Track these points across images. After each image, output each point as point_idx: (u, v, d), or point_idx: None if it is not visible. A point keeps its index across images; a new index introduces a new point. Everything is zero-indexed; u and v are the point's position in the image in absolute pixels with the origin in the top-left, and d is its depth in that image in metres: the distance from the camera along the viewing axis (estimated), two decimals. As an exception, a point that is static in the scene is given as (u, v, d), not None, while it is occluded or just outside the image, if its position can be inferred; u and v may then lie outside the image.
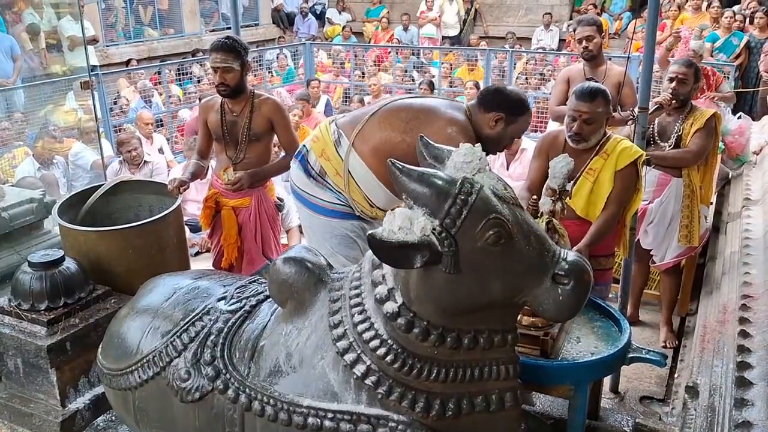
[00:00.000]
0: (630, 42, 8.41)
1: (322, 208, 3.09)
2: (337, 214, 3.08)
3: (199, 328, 1.99)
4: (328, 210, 3.07)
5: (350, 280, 1.89)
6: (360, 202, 3.04)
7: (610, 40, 11.74)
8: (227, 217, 3.75)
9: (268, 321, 1.98)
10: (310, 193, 3.09)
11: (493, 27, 13.95)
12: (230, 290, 2.08)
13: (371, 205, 3.02)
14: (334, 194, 3.04)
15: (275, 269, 1.97)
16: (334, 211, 3.08)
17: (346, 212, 3.08)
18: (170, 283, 2.20)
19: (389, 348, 1.71)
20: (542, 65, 9.67)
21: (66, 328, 2.77)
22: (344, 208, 3.08)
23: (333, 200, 3.05)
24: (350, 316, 1.80)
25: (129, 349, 2.07)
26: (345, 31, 13.62)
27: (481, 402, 1.75)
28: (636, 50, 8.12)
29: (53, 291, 2.80)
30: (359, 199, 3.02)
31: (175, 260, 3.23)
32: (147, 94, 8.49)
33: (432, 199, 1.59)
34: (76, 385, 2.83)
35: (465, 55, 10.47)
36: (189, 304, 2.06)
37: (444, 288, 1.63)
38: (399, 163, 1.66)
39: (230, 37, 3.55)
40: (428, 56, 10.88)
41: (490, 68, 9.24)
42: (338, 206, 3.07)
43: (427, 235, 1.57)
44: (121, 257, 3.07)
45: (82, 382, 2.84)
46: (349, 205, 3.06)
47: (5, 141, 6.94)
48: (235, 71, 3.43)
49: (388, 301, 1.72)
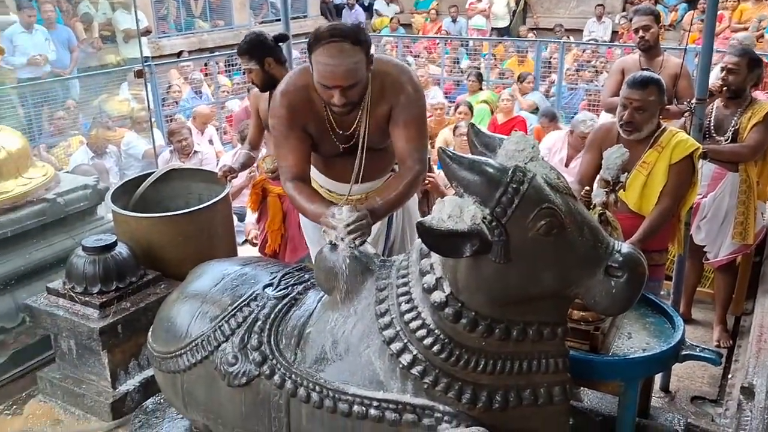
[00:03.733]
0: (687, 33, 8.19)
1: None
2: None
3: (247, 313, 2.01)
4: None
5: (397, 268, 1.88)
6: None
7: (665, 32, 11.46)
8: (272, 204, 3.81)
9: (314, 308, 1.99)
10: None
11: (544, 18, 13.71)
12: (277, 277, 2.09)
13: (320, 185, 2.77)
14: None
15: (322, 257, 1.97)
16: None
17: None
18: (218, 269, 2.22)
19: (436, 338, 1.70)
20: (594, 57, 9.50)
21: (117, 311, 2.85)
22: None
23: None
24: (397, 305, 1.79)
25: (178, 333, 2.10)
26: (393, 22, 13.57)
27: (529, 395, 1.72)
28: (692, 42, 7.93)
29: (106, 275, 2.88)
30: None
31: (223, 247, 3.28)
32: (197, 85, 8.64)
33: (483, 188, 1.57)
34: (127, 367, 2.90)
35: (515, 46, 10.39)
36: (237, 290, 2.08)
37: (493, 278, 1.61)
38: (449, 150, 1.64)
39: (247, 37, 3.55)
40: (477, 47, 10.81)
41: (540, 60, 9.16)
42: None
43: (477, 224, 1.55)
44: (171, 243, 3.13)
45: (132, 365, 2.92)
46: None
47: (61, 129, 7.15)
48: (255, 70, 3.46)
49: (435, 291, 1.70)
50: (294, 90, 2.39)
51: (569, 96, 8.89)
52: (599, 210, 2.32)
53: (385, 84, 2.35)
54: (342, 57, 2.16)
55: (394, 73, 2.37)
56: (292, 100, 2.37)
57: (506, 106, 6.97)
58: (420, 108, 2.42)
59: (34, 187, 3.50)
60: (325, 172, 2.64)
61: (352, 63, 2.17)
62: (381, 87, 2.36)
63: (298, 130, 2.40)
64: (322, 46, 2.18)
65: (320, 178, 2.66)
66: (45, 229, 3.49)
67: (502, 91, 7.79)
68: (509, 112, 6.98)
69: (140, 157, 6.53)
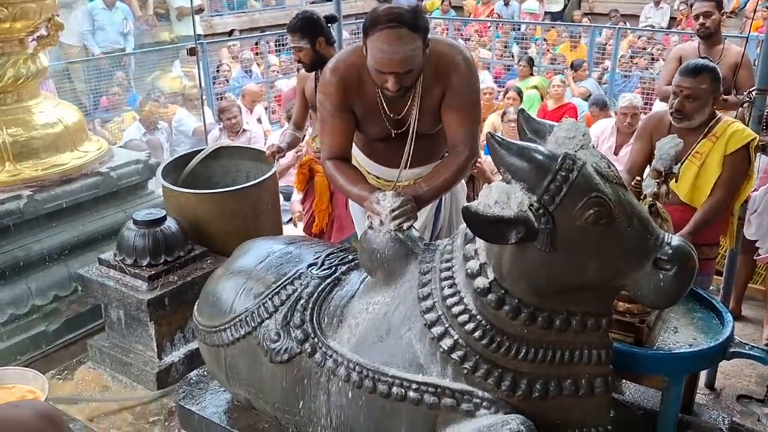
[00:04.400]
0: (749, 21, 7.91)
1: None
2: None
3: (290, 291, 2.03)
4: None
5: (441, 252, 1.87)
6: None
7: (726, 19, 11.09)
8: (320, 183, 3.82)
9: (357, 289, 2.00)
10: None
11: (599, 3, 13.42)
12: (321, 257, 2.11)
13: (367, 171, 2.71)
14: None
15: (366, 239, 1.98)
16: None
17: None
18: (264, 247, 2.24)
19: (478, 323, 1.69)
20: (650, 44, 9.25)
21: (165, 284, 2.89)
22: None
23: None
24: (440, 289, 1.79)
25: (223, 308, 2.13)
26: (444, 4, 13.41)
27: (570, 386, 1.70)
28: (755, 30, 7.66)
29: (155, 248, 2.93)
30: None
31: (268, 225, 3.30)
32: (247, 64, 8.70)
33: (531, 174, 1.55)
34: (173, 339, 2.95)
35: (568, 31, 10.19)
36: (281, 268, 2.10)
37: (538, 266, 1.59)
38: (498, 135, 1.63)
39: (299, 15, 3.55)
40: (529, 32, 10.63)
41: (594, 46, 8.96)
42: None
43: (523, 211, 1.54)
44: (218, 219, 3.17)
45: (178, 337, 2.97)
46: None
47: (115, 105, 7.31)
48: (305, 49, 3.46)
49: (479, 277, 1.69)
50: (345, 68, 2.34)
51: (622, 84, 8.70)
52: (649, 201, 2.27)
53: (440, 65, 2.29)
54: (400, 44, 2.09)
55: (449, 54, 2.30)
56: (342, 77, 2.33)
57: (557, 93, 6.88)
58: (474, 92, 2.37)
59: (89, 160, 3.57)
60: (372, 157, 2.59)
61: (409, 50, 2.10)
62: (435, 68, 2.30)
63: (345, 110, 2.36)
64: (378, 30, 2.11)
65: (367, 163, 2.62)
66: (98, 201, 3.56)
67: (553, 76, 7.68)
68: (560, 99, 6.88)
69: (190, 134, 6.67)
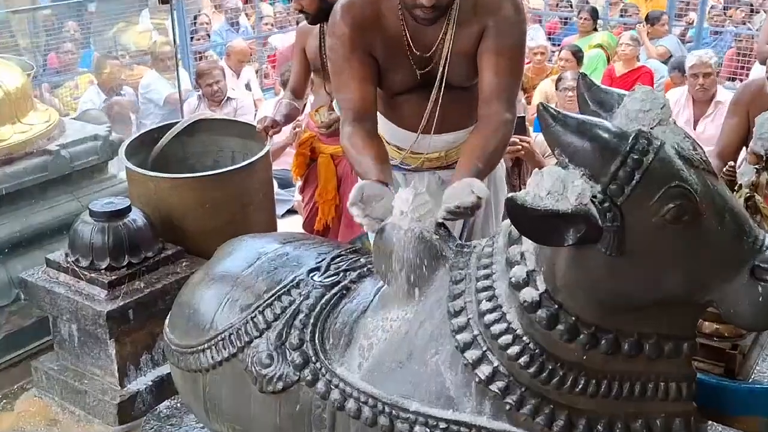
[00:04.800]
0: None
1: None
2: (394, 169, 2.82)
3: (287, 303, 2.01)
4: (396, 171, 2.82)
5: (478, 256, 1.85)
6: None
7: None
8: (324, 166, 3.82)
9: (370, 301, 1.98)
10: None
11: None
12: (326, 260, 2.09)
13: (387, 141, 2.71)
14: None
15: (383, 238, 1.94)
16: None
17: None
18: (253, 247, 2.23)
19: (524, 347, 1.67)
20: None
21: (129, 292, 2.89)
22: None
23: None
24: (476, 302, 1.77)
25: (202, 323, 2.12)
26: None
27: (641, 427, 1.68)
28: None
29: (117, 247, 2.92)
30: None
31: (259, 219, 3.31)
32: (233, 15, 8.65)
33: (594, 157, 1.53)
34: (138, 362, 2.96)
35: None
36: (275, 274, 2.09)
37: (602, 275, 1.58)
38: (552, 107, 1.61)
39: None
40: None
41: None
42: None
43: (584, 204, 1.52)
44: (196, 212, 3.17)
45: (145, 359, 2.97)
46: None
47: (67, 66, 7.30)
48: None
49: (526, 287, 1.68)
50: (360, 2, 2.40)
51: (713, 42, 8.61)
52: (746, 193, 2.24)
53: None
54: None
55: None
56: (357, 14, 2.37)
57: (628, 53, 6.80)
58: (519, 35, 2.38)
59: (35, 135, 3.56)
60: (392, 118, 2.62)
61: None
62: (474, 0, 2.38)
63: (362, 53, 2.39)
64: None
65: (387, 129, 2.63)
66: (46, 187, 3.57)
67: (623, 33, 7.62)
68: (632, 61, 6.82)
69: (161, 104, 6.66)
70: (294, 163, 4.07)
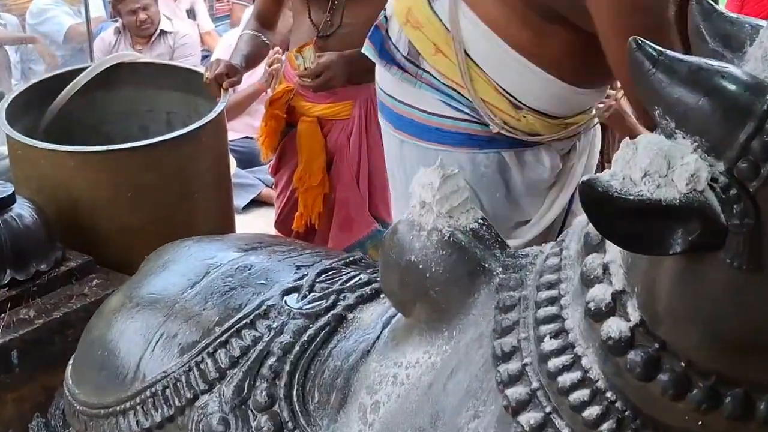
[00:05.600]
0: None
1: (421, 126, 2.76)
2: (451, 137, 2.72)
3: (250, 342, 1.88)
4: (433, 130, 2.73)
5: (539, 271, 1.71)
6: (493, 103, 2.64)
7: None
8: (308, 136, 3.55)
9: (376, 339, 1.86)
10: (400, 99, 2.77)
11: None
12: (309, 276, 1.96)
13: (517, 105, 2.60)
14: (442, 96, 2.69)
15: (395, 241, 1.82)
16: (444, 132, 2.72)
17: (470, 131, 2.70)
18: (200, 257, 2.10)
19: (607, 407, 1.54)
20: None
21: (12, 325, 2.72)
22: (464, 123, 2.69)
23: (442, 109, 2.69)
24: (535, 340, 1.64)
25: (122, 371, 1.99)
26: None
27: None
28: None
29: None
30: (490, 97, 2.64)
31: (209, 214, 3.20)
32: None
33: (715, 121, 1.38)
34: (25, 427, 2.71)
35: None
36: (232, 298, 1.96)
37: (727, 298, 1.43)
38: (648, 44, 1.45)
39: None
40: None
41: None
42: (452, 120, 2.70)
43: (699, 191, 1.37)
44: (113, 203, 3.03)
45: (36, 425, 2.71)
46: (474, 113, 2.68)
47: None
48: None
49: (611, 317, 1.54)
50: None
51: None
52: None
53: None
54: None
55: None
56: None
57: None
58: None
59: None
60: None
61: None
62: None
63: None
64: None
65: None
66: None
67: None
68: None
69: (61, 40, 6.39)
70: (262, 131, 3.78)
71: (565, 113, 2.70)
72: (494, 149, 2.78)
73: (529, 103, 2.71)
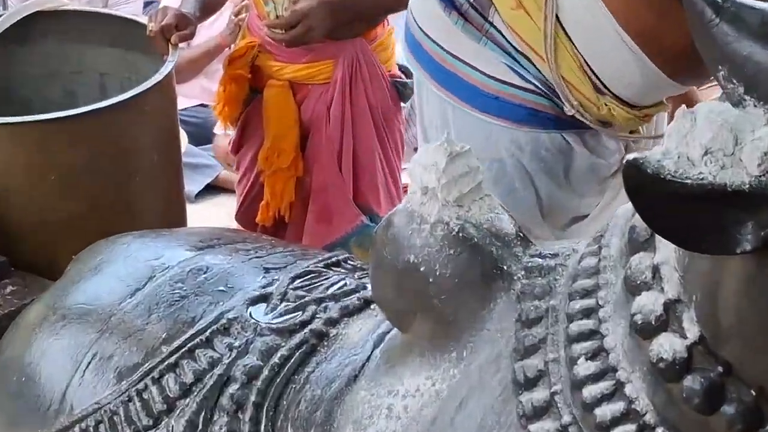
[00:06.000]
0: None
1: (475, 90, 2.63)
2: (511, 110, 2.61)
3: (206, 364, 1.82)
4: (490, 97, 2.62)
5: (572, 275, 1.66)
6: (573, 83, 2.56)
7: None
8: (277, 105, 3.38)
9: (365, 360, 1.82)
10: (453, 52, 2.65)
11: None
12: (279, 282, 1.87)
13: (600, 90, 2.53)
14: (509, 60, 2.59)
15: (389, 236, 1.77)
16: (504, 103, 2.62)
17: (536, 106, 2.62)
18: (141, 257, 2.01)
19: None
20: None
21: None
22: (531, 95, 2.59)
23: (505, 74, 2.58)
24: (567, 362, 1.61)
25: (43, 401, 1.91)
26: None
27: None
28: None
29: None
30: (571, 74, 2.55)
31: (154, 203, 3.08)
32: None
33: None
34: None
35: None
36: (183, 309, 1.88)
37: None
38: None
39: None
40: None
41: None
42: (516, 89, 2.59)
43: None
44: (32, 189, 2.91)
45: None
46: (543, 86, 2.58)
47: None
48: None
49: (662, 333, 1.51)
50: None
51: None
52: None
53: None
54: None
55: None
56: None
57: None
58: None
59: None
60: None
61: None
62: None
63: None
64: None
65: None
66: None
67: None
68: None
69: None
70: (221, 97, 3.58)
71: (648, 103, 2.63)
72: (558, 129, 2.75)
73: (615, 89, 2.64)
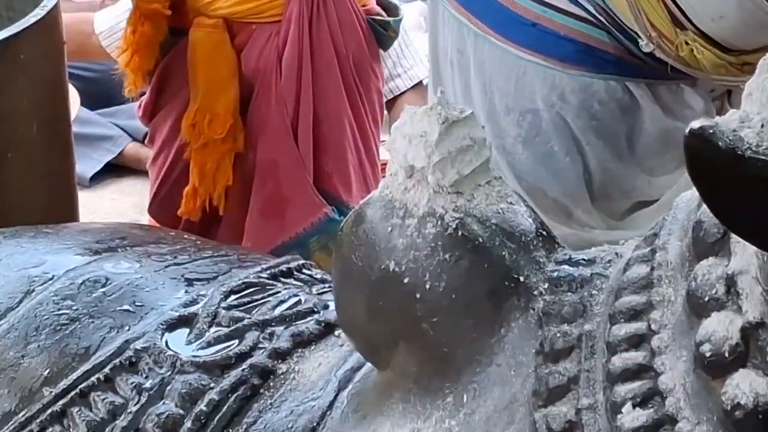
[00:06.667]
0: None
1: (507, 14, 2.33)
2: (556, 44, 2.29)
3: (104, 413, 1.56)
4: (527, 24, 2.31)
5: (614, 289, 1.38)
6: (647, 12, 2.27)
7: None
8: (208, 53, 2.81)
9: (326, 408, 1.58)
10: None
11: None
12: (208, 299, 1.63)
13: (680, 23, 2.22)
14: None
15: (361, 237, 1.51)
16: (546, 33, 2.31)
17: (589, 40, 2.28)
18: (15, 264, 1.74)
19: None
20: None
21: None
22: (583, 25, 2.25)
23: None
24: (607, 409, 1.30)
25: None
26: None
27: None
28: None
29: None
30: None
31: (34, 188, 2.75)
32: None
33: None
34: None
35: None
36: (74, 336, 1.67)
37: None
38: None
39: None
40: None
41: None
42: (562, 15, 2.25)
43: None
44: None
45: None
46: (601, 14, 2.23)
47: None
48: None
49: (740, 369, 1.18)
50: None
51: None
52: None
53: None
54: None
55: None
56: None
57: None
58: None
59: None
60: None
61: None
62: None
63: None
64: None
65: None
66: None
67: None
68: None
69: None
70: (128, 42, 2.93)
71: (748, 47, 2.26)
72: (620, 75, 2.38)
73: (700, 23, 2.32)
